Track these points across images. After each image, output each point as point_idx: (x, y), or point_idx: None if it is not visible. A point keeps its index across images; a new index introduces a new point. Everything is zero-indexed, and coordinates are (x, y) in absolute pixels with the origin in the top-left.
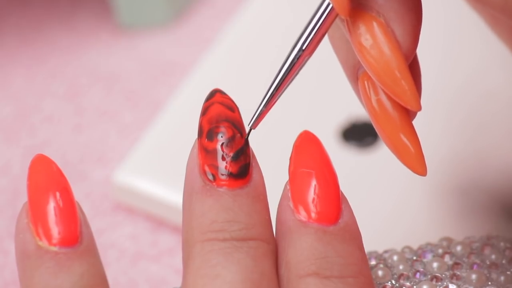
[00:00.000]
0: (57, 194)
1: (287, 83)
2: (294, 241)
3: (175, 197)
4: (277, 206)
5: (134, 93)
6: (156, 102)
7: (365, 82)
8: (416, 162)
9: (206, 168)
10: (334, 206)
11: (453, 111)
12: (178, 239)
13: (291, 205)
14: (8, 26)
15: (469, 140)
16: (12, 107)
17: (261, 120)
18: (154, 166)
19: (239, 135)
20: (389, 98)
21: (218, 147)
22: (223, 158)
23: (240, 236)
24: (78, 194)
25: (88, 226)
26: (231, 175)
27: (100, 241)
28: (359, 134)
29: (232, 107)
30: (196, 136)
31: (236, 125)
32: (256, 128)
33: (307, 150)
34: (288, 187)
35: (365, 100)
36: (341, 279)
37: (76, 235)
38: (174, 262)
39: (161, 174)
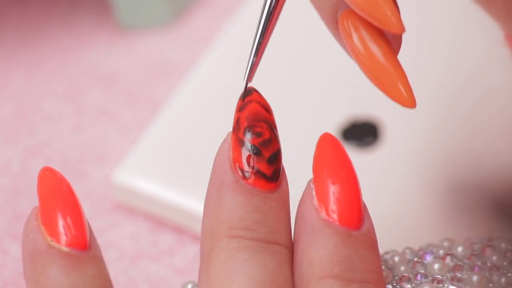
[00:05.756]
0: (67, 212)
1: (272, 28)
2: (317, 240)
3: (174, 197)
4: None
5: (133, 93)
6: (155, 102)
7: (345, 22)
8: (404, 97)
9: (240, 165)
10: (358, 211)
11: (451, 110)
12: (178, 239)
13: (316, 203)
14: (8, 26)
15: (466, 140)
16: (12, 107)
17: (254, 72)
18: (154, 166)
19: (275, 138)
20: (371, 33)
21: (255, 146)
22: (259, 159)
23: (266, 238)
24: (77, 193)
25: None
26: (264, 176)
27: (100, 241)
28: (359, 134)
29: (268, 108)
30: (199, 132)
31: (272, 127)
32: None
33: (332, 152)
34: (312, 185)
35: (347, 41)
36: (363, 284)
37: (85, 240)
38: (173, 262)
39: (161, 174)
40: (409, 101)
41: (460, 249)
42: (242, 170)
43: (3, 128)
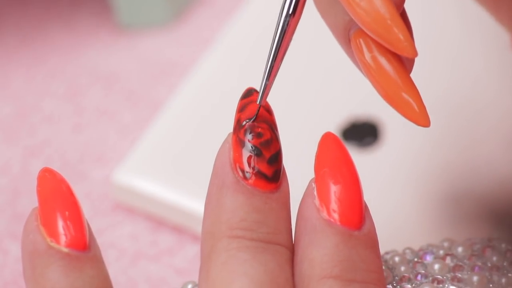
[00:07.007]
0: (66, 213)
1: (284, 51)
2: (318, 240)
3: (174, 197)
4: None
5: (133, 93)
6: (155, 102)
7: (358, 41)
8: (418, 115)
9: (240, 165)
10: (359, 211)
11: (452, 114)
12: (178, 239)
13: (317, 203)
14: (8, 26)
15: (464, 150)
16: (12, 107)
17: (267, 95)
18: (154, 166)
19: (276, 138)
20: (383, 53)
21: (256, 146)
22: (260, 159)
23: (267, 239)
24: (77, 194)
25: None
26: (265, 176)
27: (100, 241)
28: (359, 134)
29: (269, 109)
30: (200, 133)
31: (273, 128)
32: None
33: (334, 152)
34: (313, 185)
35: (360, 60)
36: (363, 284)
37: (84, 241)
38: (173, 262)
39: (161, 174)
40: (423, 120)
41: (460, 249)
42: (242, 171)
43: (3, 128)
